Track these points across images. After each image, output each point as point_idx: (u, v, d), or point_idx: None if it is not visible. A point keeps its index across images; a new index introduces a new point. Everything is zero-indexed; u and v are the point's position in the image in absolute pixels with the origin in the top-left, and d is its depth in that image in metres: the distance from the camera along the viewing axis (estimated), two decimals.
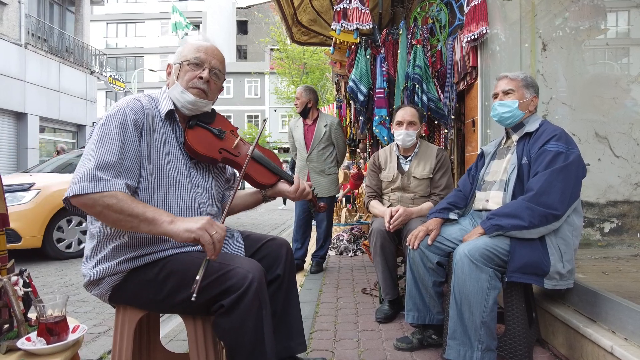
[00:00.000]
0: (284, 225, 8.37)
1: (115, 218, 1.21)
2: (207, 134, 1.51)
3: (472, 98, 3.17)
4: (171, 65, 1.50)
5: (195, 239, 1.21)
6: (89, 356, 2.20)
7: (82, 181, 1.20)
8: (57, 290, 3.55)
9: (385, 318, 2.54)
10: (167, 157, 1.40)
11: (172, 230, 1.22)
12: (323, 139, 3.86)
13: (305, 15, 5.61)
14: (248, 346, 1.26)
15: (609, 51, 3.42)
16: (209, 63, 1.47)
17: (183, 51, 1.48)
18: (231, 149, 1.54)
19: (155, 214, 1.23)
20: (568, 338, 1.90)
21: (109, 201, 1.19)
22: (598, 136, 3.02)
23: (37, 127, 13.09)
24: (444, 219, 2.12)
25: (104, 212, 1.21)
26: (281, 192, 1.67)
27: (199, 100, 1.46)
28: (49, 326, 1.13)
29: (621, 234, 3.02)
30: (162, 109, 1.44)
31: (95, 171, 1.20)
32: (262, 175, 1.62)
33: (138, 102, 1.38)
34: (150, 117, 1.37)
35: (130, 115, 1.31)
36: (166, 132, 1.42)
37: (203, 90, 1.46)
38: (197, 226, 1.21)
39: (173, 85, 1.47)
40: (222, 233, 1.25)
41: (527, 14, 2.93)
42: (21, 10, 12.25)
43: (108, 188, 1.20)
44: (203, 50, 1.46)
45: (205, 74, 1.45)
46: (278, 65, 23.22)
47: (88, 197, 1.19)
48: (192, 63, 1.45)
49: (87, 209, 1.22)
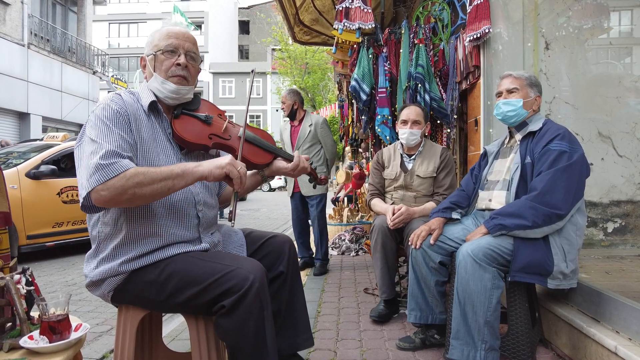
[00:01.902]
0: (285, 225, 8.37)
1: (150, 190, 1.20)
2: (194, 122, 1.47)
3: (475, 97, 3.16)
4: (145, 58, 1.45)
5: (226, 174, 1.29)
6: (91, 355, 2.20)
7: (97, 172, 1.16)
8: (59, 289, 3.56)
9: (379, 317, 2.51)
10: (157, 150, 1.38)
11: (204, 172, 1.28)
12: (308, 138, 3.89)
13: (308, 15, 5.61)
14: (249, 347, 1.25)
15: (612, 50, 3.41)
16: (182, 48, 1.42)
17: (153, 40, 1.43)
18: (221, 133, 1.51)
19: (181, 167, 1.27)
20: (571, 338, 1.89)
21: (137, 179, 1.18)
22: (601, 135, 3.01)
23: (40, 126, 13.13)
24: (447, 218, 2.11)
25: (137, 193, 1.18)
26: (279, 170, 1.64)
27: (182, 88, 1.43)
28: (52, 325, 1.13)
29: (625, 233, 3.01)
30: (144, 102, 1.41)
31: (103, 160, 1.17)
32: (257, 156, 1.58)
33: (119, 96, 1.36)
34: (133, 110, 1.35)
35: (115, 108, 1.30)
36: (152, 125, 1.40)
37: (183, 77, 1.42)
38: (225, 162, 1.29)
39: (151, 77, 1.43)
40: (244, 169, 1.33)
41: (530, 13, 2.92)
42: (24, 10, 12.29)
43: (122, 168, 1.17)
44: (174, 36, 1.42)
45: (182, 59, 1.41)
46: (280, 65, 23.24)
47: (115, 187, 1.16)
48: (167, 51, 1.40)
49: (117, 198, 1.17)
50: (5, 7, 11.68)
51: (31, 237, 4.60)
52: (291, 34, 6.17)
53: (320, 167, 3.93)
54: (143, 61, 1.46)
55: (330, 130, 4.05)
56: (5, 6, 11.65)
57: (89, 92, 15.56)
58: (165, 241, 1.35)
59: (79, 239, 5.06)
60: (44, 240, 4.73)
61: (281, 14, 5.47)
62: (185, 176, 1.26)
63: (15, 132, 12.52)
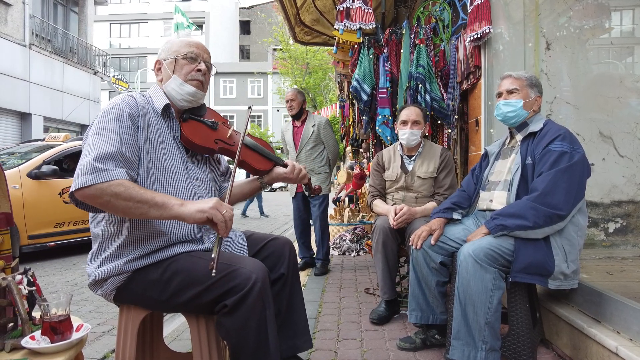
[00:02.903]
0: (286, 225, 8.38)
1: (124, 206, 1.21)
2: (201, 126, 1.53)
3: (476, 98, 3.16)
4: (161, 62, 1.51)
5: (209, 219, 1.23)
6: (92, 355, 2.20)
7: (84, 174, 1.19)
8: (61, 289, 3.56)
9: (379, 319, 2.51)
10: (164, 151, 1.41)
11: (183, 213, 1.24)
12: (311, 139, 3.90)
13: (308, 15, 5.61)
14: (251, 346, 1.26)
15: (613, 50, 3.40)
16: (202, 57, 1.51)
17: (172, 47, 1.50)
18: (226, 139, 1.57)
19: (165, 198, 1.24)
20: (572, 338, 1.89)
21: (117, 189, 1.19)
22: (602, 136, 3.00)
23: (41, 127, 13.14)
24: (448, 218, 2.11)
25: (112, 202, 1.20)
26: (278, 176, 1.69)
27: (198, 92, 1.49)
28: (53, 325, 1.13)
29: (626, 234, 3.00)
30: (158, 104, 1.45)
31: (95, 163, 1.20)
32: (258, 162, 1.64)
33: (132, 98, 1.40)
34: (144, 112, 1.38)
35: (125, 109, 1.32)
36: (161, 127, 1.43)
37: (201, 82, 1.50)
38: (208, 206, 1.24)
39: (168, 79, 1.48)
40: (231, 212, 1.28)
41: (531, 13, 2.92)
42: (25, 11, 12.31)
43: (111, 177, 1.19)
44: (195, 45, 1.50)
45: (203, 66, 1.49)
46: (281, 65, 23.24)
47: (94, 188, 1.18)
48: (188, 57, 1.48)
49: (93, 200, 1.21)
50: (7, 8, 11.71)
51: (33, 237, 4.62)
52: (292, 34, 6.18)
53: (322, 168, 3.94)
54: (158, 64, 1.52)
55: (332, 131, 4.06)
56: (6, 7, 11.67)
57: (90, 92, 15.58)
58: (170, 240, 1.36)
59: (81, 239, 5.07)
60: (45, 240, 4.75)
61: (282, 14, 5.47)
62: (164, 208, 1.23)
63: (16, 132, 12.55)
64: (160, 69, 1.52)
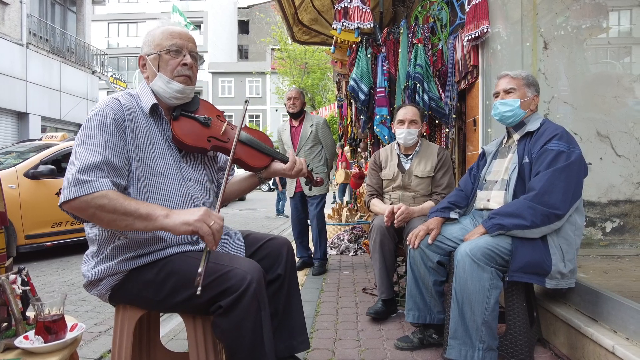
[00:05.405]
0: (284, 225, 8.37)
1: (109, 218, 1.19)
2: (193, 124, 1.46)
3: (473, 97, 3.16)
4: (145, 57, 1.43)
5: (194, 232, 1.20)
6: (89, 355, 2.19)
7: (68, 187, 1.18)
8: (58, 289, 3.55)
9: (376, 314, 2.52)
10: (154, 154, 1.37)
11: (168, 224, 1.20)
12: (310, 139, 3.90)
13: (307, 15, 5.61)
14: (247, 347, 1.25)
15: (610, 50, 3.41)
16: (186, 48, 1.42)
17: (154, 40, 1.41)
18: (219, 136, 1.50)
19: (149, 209, 1.21)
20: (569, 337, 1.89)
21: (101, 202, 1.17)
22: (600, 135, 3.01)
23: (39, 126, 13.10)
24: (445, 218, 2.11)
25: (96, 214, 1.18)
26: (277, 171, 1.63)
27: (187, 88, 1.43)
28: (47, 325, 1.13)
29: (623, 233, 3.01)
30: (145, 104, 1.40)
31: (78, 175, 1.17)
32: (254, 158, 1.57)
33: (116, 100, 1.34)
34: (131, 115, 1.33)
35: (109, 115, 1.28)
36: (150, 128, 1.39)
37: (189, 77, 1.43)
38: (194, 218, 1.20)
39: (154, 77, 1.42)
40: (220, 223, 1.24)
41: (529, 13, 2.92)
42: (23, 10, 12.26)
43: (94, 189, 1.17)
44: (177, 35, 1.41)
45: (189, 59, 1.41)
46: (279, 65, 23.21)
47: (79, 201, 1.17)
48: (172, 51, 1.39)
49: (79, 212, 1.19)
50: (4, 7, 11.66)
51: (30, 237, 4.60)
52: (290, 34, 6.18)
53: (321, 167, 3.94)
54: (142, 60, 1.44)
55: (330, 131, 4.07)
56: (4, 6, 11.63)
57: (88, 92, 15.54)
58: (167, 244, 1.35)
59: (78, 239, 5.05)
60: (42, 240, 4.73)
61: (280, 14, 5.47)
62: (149, 220, 1.20)
63: (14, 131, 12.50)
64: (144, 65, 1.44)
